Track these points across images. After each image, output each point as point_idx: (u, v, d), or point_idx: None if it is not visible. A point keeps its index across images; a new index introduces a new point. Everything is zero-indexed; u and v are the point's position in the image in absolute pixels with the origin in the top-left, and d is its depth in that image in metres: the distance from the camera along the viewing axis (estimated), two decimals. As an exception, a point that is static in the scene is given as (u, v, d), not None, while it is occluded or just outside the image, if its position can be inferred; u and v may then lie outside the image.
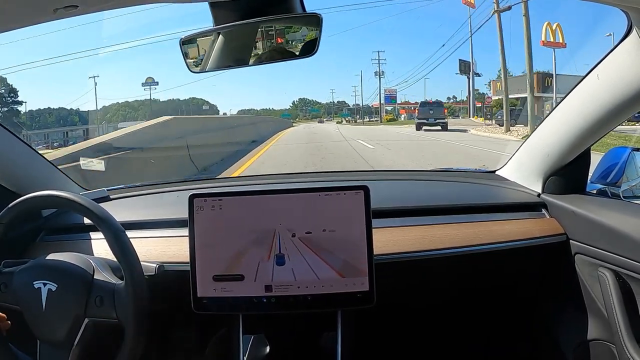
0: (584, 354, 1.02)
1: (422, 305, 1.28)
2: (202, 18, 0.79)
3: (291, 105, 33.93)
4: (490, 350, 1.31)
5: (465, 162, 7.47)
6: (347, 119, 30.91)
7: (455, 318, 1.30)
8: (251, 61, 0.83)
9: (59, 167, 1.24)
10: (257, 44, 0.82)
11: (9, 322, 0.81)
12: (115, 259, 0.79)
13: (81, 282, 0.78)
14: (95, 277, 0.79)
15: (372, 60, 28.45)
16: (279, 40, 0.81)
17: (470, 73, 20.82)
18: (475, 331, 1.31)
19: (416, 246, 1.01)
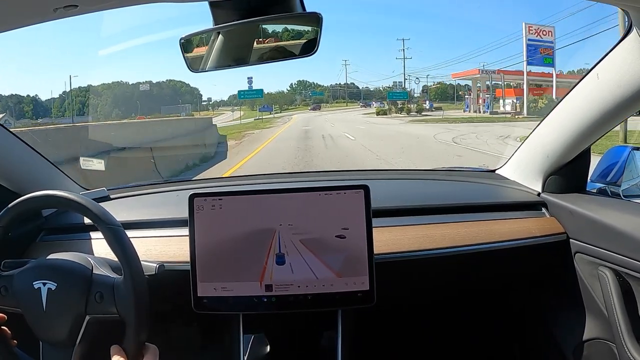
0: (584, 353, 1.02)
1: (422, 304, 1.28)
2: (202, 18, 0.79)
3: (289, 88, 27.45)
4: (490, 349, 1.31)
5: None
6: (399, 105, 19.15)
7: (455, 317, 1.30)
8: (251, 60, 0.84)
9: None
10: (256, 43, 0.82)
11: (11, 325, 0.81)
12: (114, 259, 0.79)
13: (80, 279, 0.78)
14: (94, 272, 0.79)
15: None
16: (279, 40, 0.82)
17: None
18: (475, 330, 1.31)
19: (416, 245, 1.01)
